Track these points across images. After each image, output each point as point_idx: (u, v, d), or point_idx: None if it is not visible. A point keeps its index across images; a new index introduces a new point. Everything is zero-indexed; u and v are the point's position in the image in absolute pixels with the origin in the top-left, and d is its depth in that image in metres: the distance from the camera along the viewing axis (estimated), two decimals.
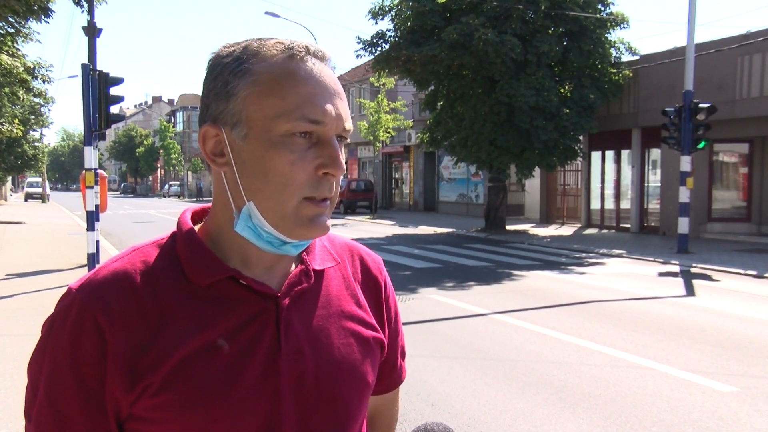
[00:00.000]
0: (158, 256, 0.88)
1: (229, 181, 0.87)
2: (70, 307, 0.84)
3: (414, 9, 17.22)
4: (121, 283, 0.84)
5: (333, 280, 0.97)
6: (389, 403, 1.13)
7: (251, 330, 0.86)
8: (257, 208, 0.85)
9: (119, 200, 49.65)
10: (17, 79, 14.72)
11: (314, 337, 0.90)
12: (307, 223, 0.85)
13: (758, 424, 4.32)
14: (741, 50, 15.49)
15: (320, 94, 0.84)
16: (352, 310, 0.96)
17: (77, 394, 0.82)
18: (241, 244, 0.88)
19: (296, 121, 0.82)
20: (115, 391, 0.82)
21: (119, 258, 0.89)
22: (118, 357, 0.81)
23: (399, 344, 1.08)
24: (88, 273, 0.88)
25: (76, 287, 0.85)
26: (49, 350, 0.84)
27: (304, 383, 0.87)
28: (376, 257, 1.07)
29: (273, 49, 0.86)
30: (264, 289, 0.88)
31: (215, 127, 0.86)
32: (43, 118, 32.29)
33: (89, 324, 0.82)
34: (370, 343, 0.96)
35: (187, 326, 0.84)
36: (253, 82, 0.84)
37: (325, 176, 0.85)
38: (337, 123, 0.85)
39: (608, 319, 7.54)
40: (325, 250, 0.99)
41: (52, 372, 0.83)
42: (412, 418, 4.30)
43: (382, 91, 25.44)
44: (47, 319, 0.87)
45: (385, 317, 1.02)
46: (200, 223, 0.94)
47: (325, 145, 0.85)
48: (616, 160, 20.44)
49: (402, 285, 9.80)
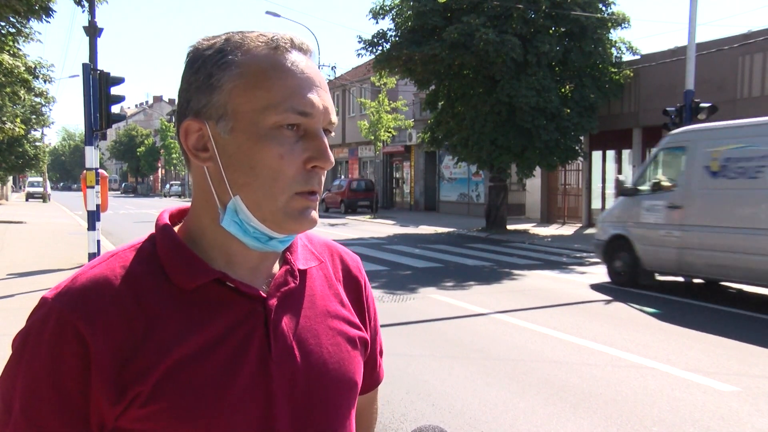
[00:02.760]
0: (138, 260, 0.85)
1: (212, 176, 0.85)
2: (47, 317, 0.79)
3: (414, 8, 17.22)
4: (101, 290, 0.80)
5: (317, 280, 0.95)
6: (369, 403, 1.12)
7: (240, 333, 0.84)
8: (244, 203, 0.83)
9: (120, 200, 49.66)
10: (18, 79, 14.75)
11: (303, 337, 0.89)
12: (297, 216, 0.83)
13: (759, 424, 4.31)
14: (742, 50, 15.48)
15: (306, 86, 0.83)
16: (337, 309, 0.95)
17: (58, 410, 0.78)
18: (225, 243, 0.86)
19: (284, 113, 0.81)
20: (101, 403, 0.78)
21: (96, 264, 0.85)
22: (102, 368, 0.77)
23: (378, 343, 1.07)
24: (64, 281, 0.83)
25: (52, 296, 0.81)
26: (24, 364, 0.79)
27: (296, 385, 0.86)
28: (355, 256, 1.06)
29: (257, 41, 0.84)
30: (251, 291, 0.85)
31: (198, 121, 0.84)
32: (44, 117, 32.29)
33: (70, 334, 0.77)
34: (356, 342, 0.95)
35: (175, 332, 0.81)
36: (238, 74, 0.82)
37: (313, 170, 0.84)
38: (324, 115, 0.84)
39: (609, 318, 7.54)
40: (307, 249, 0.97)
41: (29, 387, 0.78)
42: (412, 417, 4.30)
43: (383, 90, 25.43)
44: (19, 332, 0.82)
45: (366, 316, 1.02)
46: (179, 224, 0.91)
47: (312, 138, 0.83)
48: (617, 159, 20.43)
49: (403, 284, 9.80)
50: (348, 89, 35.94)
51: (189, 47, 0.87)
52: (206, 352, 0.81)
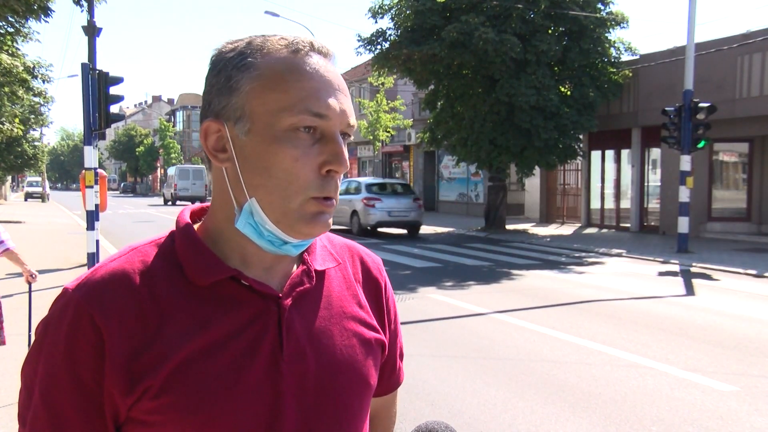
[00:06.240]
0: (157, 255, 0.86)
1: (230, 177, 0.86)
2: (66, 307, 0.82)
3: (414, 8, 17.21)
4: (119, 283, 0.82)
5: (334, 281, 0.96)
6: (388, 406, 1.12)
7: (253, 331, 0.84)
8: (259, 205, 0.84)
9: (119, 200, 49.62)
10: (17, 79, 14.75)
11: (316, 338, 0.89)
12: (309, 219, 0.84)
13: (758, 423, 4.32)
14: (741, 50, 15.48)
15: (324, 88, 0.84)
16: (353, 311, 0.95)
17: (74, 397, 0.80)
18: (241, 243, 0.87)
19: (300, 115, 0.81)
20: (114, 393, 0.80)
21: (117, 257, 0.87)
22: (116, 359, 0.79)
23: (398, 346, 1.07)
24: (85, 273, 0.86)
25: (72, 287, 0.83)
26: (45, 352, 0.82)
27: (306, 385, 0.86)
28: (376, 258, 1.06)
29: (277, 44, 0.85)
30: (265, 289, 0.86)
31: (217, 122, 0.85)
32: (42, 117, 32.21)
33: (86, 325, 0.80)
34: (371, 345, 0.95)
35: (187, 327, 0.82)
36: (256, 76, 0.83)
37: (329, 174, 0.84)
38: (341, 118, 0.85)
39: (608, 318, 7.55)
40: (326, 250, 0.97)
41: (48, 374, 0.81)
42: (412, 417, 4.30)
43: (381, 90, 25.42)
44: (42, 320, 0.85)
45: (385, 318, 1.01)
46: (199, 223, 0.93)
47: (329, 141, 0.84)
48: (616, 159, 20.44)
49: (402, 284, 9.80)
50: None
51: (213, 50, 0.89)
52: (217, 349, 0.82)
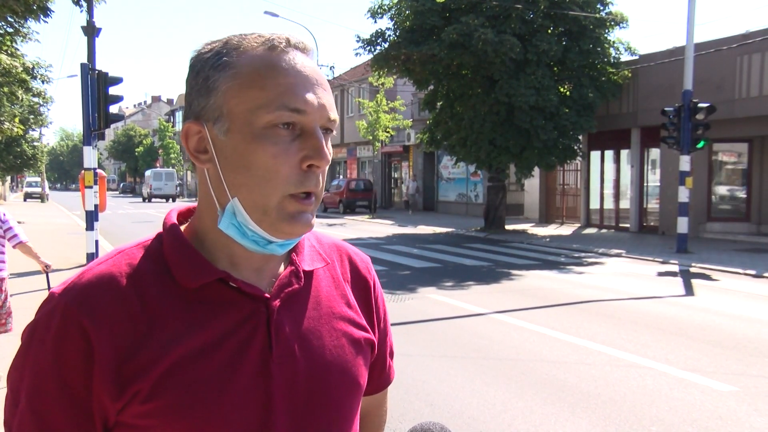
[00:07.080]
0: (144, 258, 0.86)
1: (212, 178, 0.85)
2: (54, 311, 0.80)
3: (413, 8, 17.21)
4: (106, 287, 0.82)
5: (323, 281, 0.95)
6: (378, 404, 1.12)
7: (242, 333, 0.84)
8: (241, 204, 0.83)
9: (118, 200, 49.61)
10: (16, 79, 14.73)
11: (305, 338, 0.89)
12: (289, 218, 0.83)
13: (757, 424, 4.32)
14: (740, 50, 15.49)
15: (301, 84, 0.82)
16: (342, 311, 0.95)
17: (62, 402, 0.79)
18: (228, 244, 0.86)
19: (277, 111, 0.80)
20: (103, 398, 0.79)
21: (104, 261, 0.86)
22: (104, 363, 0.78)
23: (388, 344, 1.07)
24: (71, 277, 0.85)
25: (59, 291, 0.82)
26: (31, 357, 0.81)
27: (296, 386, 0.86)
28: (364, 257, 1.05)
29: (253, 42, 0.84)
30: (254, 291, 0.86)
31: (198, 123, 0.85)
32: (42, 117, 32.19)
33: (74, 329, 0.79)
34: (361, 344, 0.95)
35: (177, 330, 0.81)
36: (233, 75, 0.82)
37: (310, 169, 0.83)
38: (321, 113, 0.83)
39: (607, 318, 7.55)
40: (314, 250, 0.97)
41: (35, 380, 0.80)
42: (411, 417, 4.30)
43: (381, 90, 25.42)
44: (28, 325, 0.83)
45: (374, 317, 1.01)
46: (186, 224, 0.92)
47: (308, 137, 0.82)
48: (615, 159, 20.44)
49: (401, 284, 9.80)
50: (346, 89, 35.88)
51: (192, 51, 0.88)
52: (207, 351, 0.82)
